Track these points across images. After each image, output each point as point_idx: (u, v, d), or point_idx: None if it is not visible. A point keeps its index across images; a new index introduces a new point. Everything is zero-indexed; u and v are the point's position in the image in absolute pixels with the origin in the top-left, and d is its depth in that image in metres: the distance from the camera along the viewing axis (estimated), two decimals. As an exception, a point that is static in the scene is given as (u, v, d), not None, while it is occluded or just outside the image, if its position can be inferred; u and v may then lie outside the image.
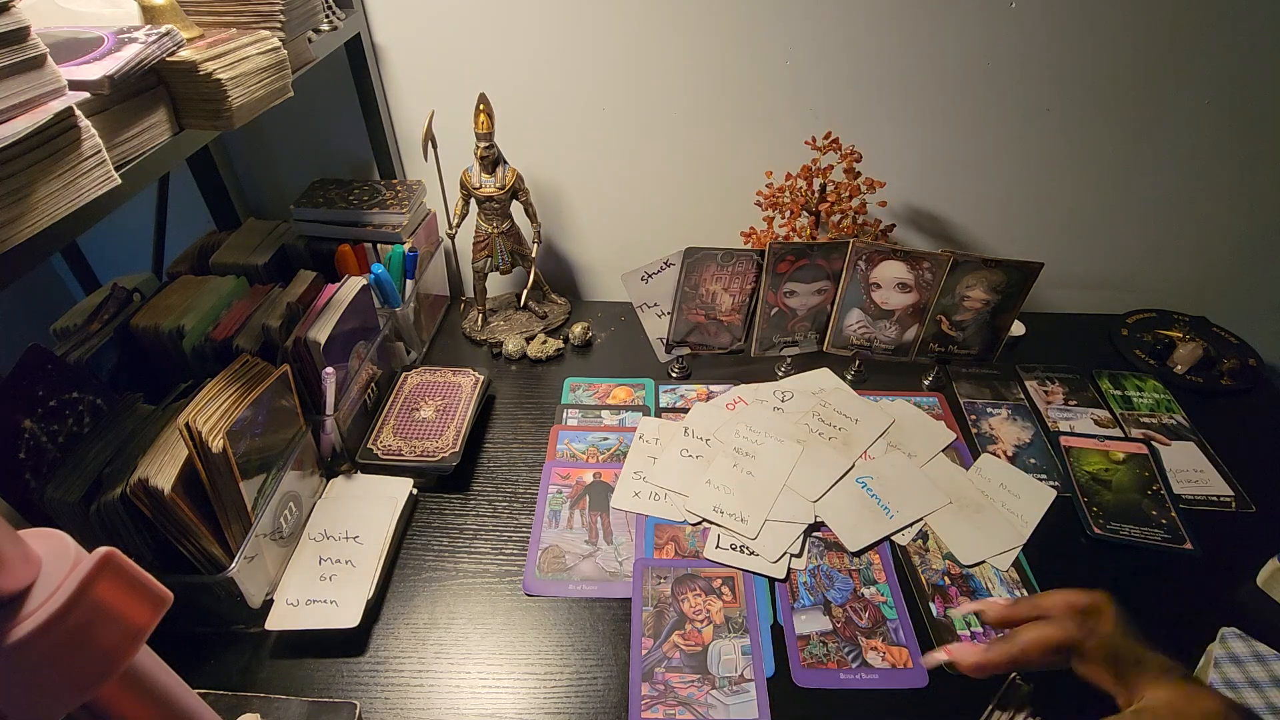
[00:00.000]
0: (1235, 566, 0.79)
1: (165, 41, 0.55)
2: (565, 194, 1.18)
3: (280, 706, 0.65)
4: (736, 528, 0.81)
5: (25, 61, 0.43)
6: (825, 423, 0.95)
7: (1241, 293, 1.21)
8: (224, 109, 0.58)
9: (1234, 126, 1.03)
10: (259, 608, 0.72)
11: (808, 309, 1.00)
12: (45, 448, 0.65)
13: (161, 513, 0.62)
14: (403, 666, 0.71)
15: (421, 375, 1.00)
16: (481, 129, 0.97)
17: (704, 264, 0.95)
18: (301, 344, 0.80)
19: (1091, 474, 0.90)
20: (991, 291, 0.93)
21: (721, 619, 0.74)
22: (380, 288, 0.99)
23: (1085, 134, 1.06)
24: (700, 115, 1.07)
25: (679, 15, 0.98)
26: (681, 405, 1.01)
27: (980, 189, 1.13)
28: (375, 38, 1.02)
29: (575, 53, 1.02)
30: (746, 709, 0.66)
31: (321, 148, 1.14)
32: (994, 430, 0.97)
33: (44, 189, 0.44)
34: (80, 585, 0.34)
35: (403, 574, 0.79)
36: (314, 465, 0.83)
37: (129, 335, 0.81)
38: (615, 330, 1.17)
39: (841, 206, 1.00)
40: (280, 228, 1.05)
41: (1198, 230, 1.15)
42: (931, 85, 1.02)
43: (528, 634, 0.74)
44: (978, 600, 0.73)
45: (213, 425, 0.64)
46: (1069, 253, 1.19)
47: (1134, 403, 1.02)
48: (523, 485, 0.90)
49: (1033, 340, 1.13)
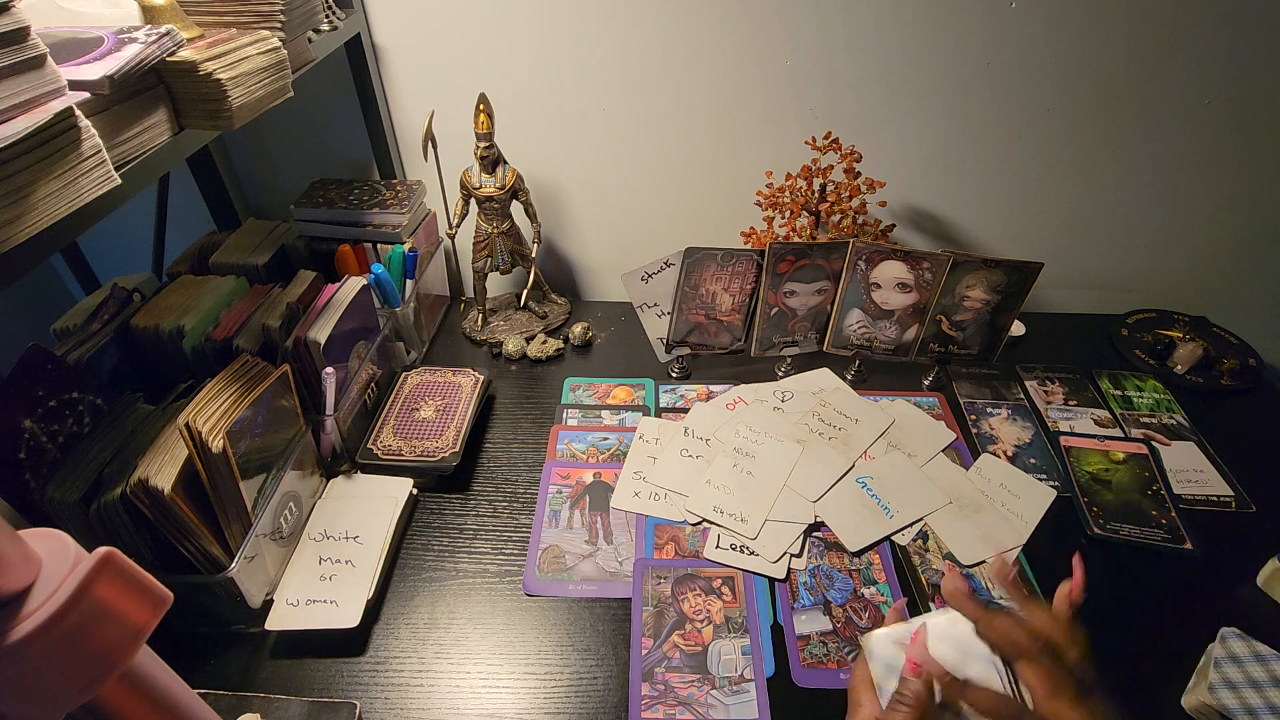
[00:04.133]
0: (1235, 566, 0.79)
1: (165, 41, 0.55)
2: (565, 194, 1.18)
3: (280, 706, 0.65)
4: (736, 528, 0.81)
5: (25, 61, 0.43)
6: (825, 423, 0.95)
7: (1241, 293, 1.21)
8: (224, 109, 0.58)
9: (1233, 126, 1.03)
10: (259, 608, 0.72)
11: (808, 309, 1.00)
12: (45, 448, 0.65)
13: (161, 513, 0.62)
14: (403, 666, 0.71)
15: (421, 375, 1.00)
16: (481, 129, 0.97)
17: (704, 264, 0.95)
18: (301, 344, 0.80)
19: (1091, 474, 0.90)
20: (991, 291, 0.93)
21: (721, 619, 0.74)
22: (380, 288, 0.99)
23: (1085, 134, 1.06)
24: (700, 115, 1.07)
25: (679, 15, 0.98)
26: (681, 405, 1.01)
27: (980, 189, 1.13)
28: (375, 38, 1.02)
29: (575, 53, 1.02)
30: (746, 709, 0.66)
31: (321, 148, 1.14)
32: (994, 430, 0.97)
33: (44, 189, 0.44)
34: (80, 585, 0.34)
35: (403, 574, 0.79)
36: (314, 465, 0.83)
37: (129, 335, 0.81)
38: (615, 330, 1.17)
39: (841, 206, 1.00)
40: (280, 228, 1.05)
41: (1198, 230, 1.15)
42: (932, 85, 1.02)
43: (528, 634, 0.74)
44: None
45: (213, 425, 0.64)
46: (1069, 253, 1.19)
47: (1134, 403, 1.01)
48: (523, 485, 0.90)
49: (1033, 340, 1.13)
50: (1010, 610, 0.54)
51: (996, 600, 0.76)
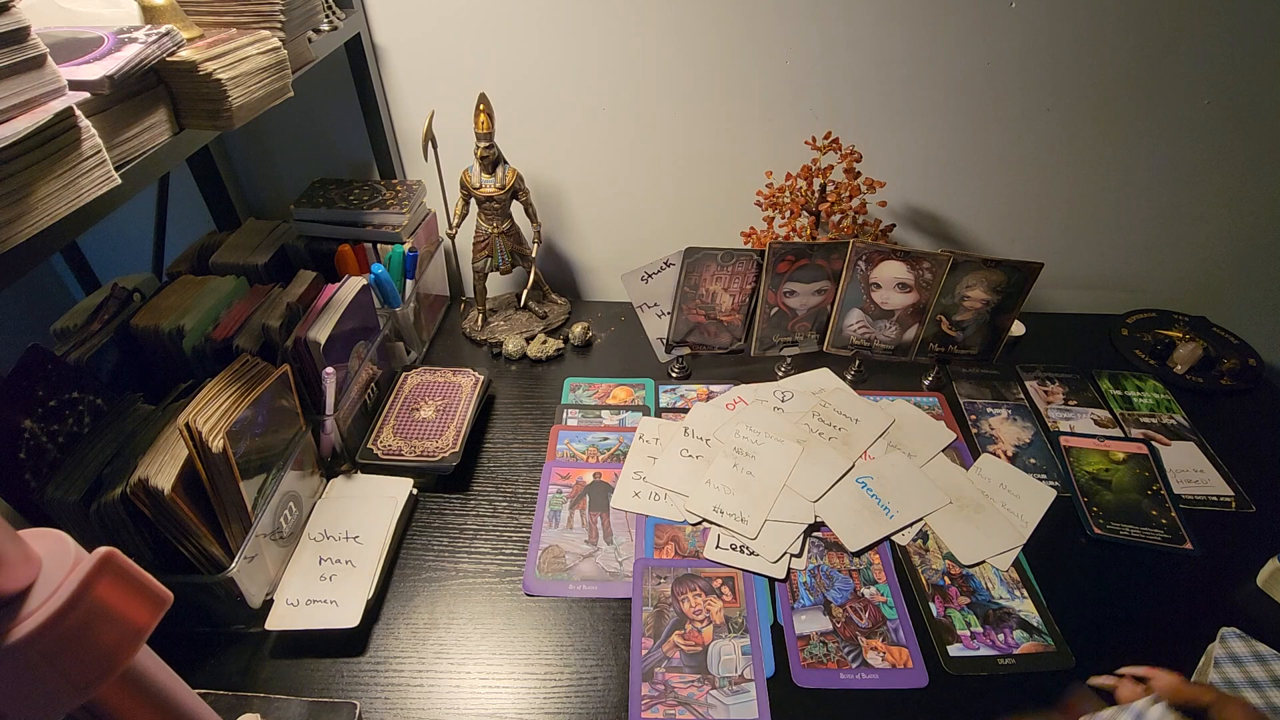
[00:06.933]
0: (1235, 566, 0.79)
1: (165, 41, 0.55)
2: (565, 194, 1.18)
3: (280, 706, 0.65)
4: (736, 528, 0.81)
5: (25, 61, 0.43)
6: (825, 423, 0.95)
7: (1241, 293, 1.21)
8: (224, 109, 0.58)
9: (1234, 127, 1.03)
10: (259, 608, 0.72)
11: (808, 309, 1.00)
12: (45, 448, 0.65)
13: (161, 513, 0.62)
14: (403, 666, 0.71)
15: (421, 375, 1.00)
16: (481, 129, 0.97)
17: (704, 264, 0.95)
18: (301, 344, 0.80)
19: (1091, 474, 0.90)
20: (991, 291, 0.93)
21: (721, 619, 0.74)
22: (380, 288, 0.99)
23: (1085, 134, 1.06)
24: (700, 115, 1.07)
25: (679, 15, 0.98)
26: (681, 405, 1.01)
27: (980, 189, 1.13)
28: (375, 38, 1.02)
29: (576, 53, 1.02)
30: (746, 709, 0.66)
31: (321, 148, 1.14)
32: (994, 430, 0.97)
33: (44, 189, 0.44)
34: (80, 585, 0.34)
35: (403, 574, 0.79)
36: (314, 465, 0.83)
37: (129, 335, 0.81)
38: (615, 330, 1.17)
39: (841, 206, 1.00)
40: (280, 228, 1.05)
41: (1198, 230, 1.15)
42: (932, 85, 1.02)
43: (528, 634, 0.74)
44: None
45: (213, 425, 0.64)
46: (1069, 253, 1.19)
47: (1134, 403, 1.02)
48: (523, 485, 0.90)
49: (1033, 340, 1.13)
50: None
51: (997, 601, 0.76)
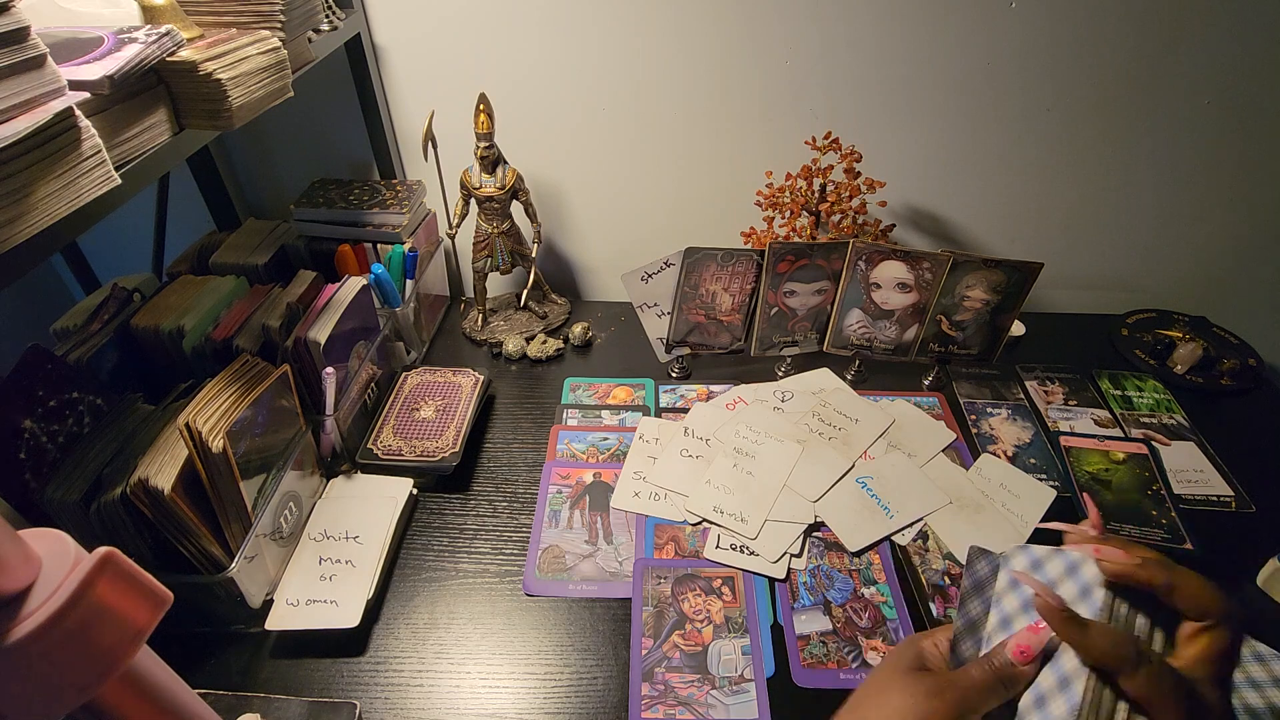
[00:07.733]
0: (1235, 566, 0.79)
1: (165, 41, 0.55)
2: (565, 194, 1.18)
3: (280, 706, 0.65)
4: (736, 528, 0.81)
5: (25, 61, 0.43)
6: (825, 423, 0.95)
7: (1241, 293, 1.21)
8: (224, 109, 0.58)
9: (1234, 127, 1.03)
10: (259, 608, 0.72)
11: (808, 309, 1.00)
12: (45, 448, 0.65)
13: (161, 513, 0.62)
14: (403, 666, 0.71)
15: (421, 375, 1.00)
16: (481, 129, 0.97)
17: (704, 264, 0.95)
18: (301, 344, 0.80)
19: (1091, 474, 0.90)
20: (991, 291, 0.93)
21: (721, 619, 0.74)
22: (380, 288, 0.99)
23: (1085, 134, 1.06)
24: (700, 115, 1.07)
25: (679, 15, 0.98)
26: (681, 405, 1.01)
27: (980, 189, 1.13)
28: (375, 38, 1.02)
29: (576, 52, 1.02)
30: (746, 709, 0.66)
31: (321, 148, 1.14)
32: (994, 430, 0.97)
33: (44, 189, 0.44)
34: (80, 585, 0.34)
35: (403, 574, 0.79)
36: (314, 465, 0.83)
37: (129, 335, 0.81)
38: (615, 330, 1.17)
39: (841, 206, 1.00)
40: (280, 228, 1.05)
41: (1198, 230, 1.15)
42: (932, 85, 1.02)
43: (528, 634, 0.74)
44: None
45: (213, 425, 0.64)
46: (1069, 253, 1.19)
47: (1134, 403, 1.01)
48: (523, 485, 0.90)
49: (1033, 340, 1.13)
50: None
51: None
